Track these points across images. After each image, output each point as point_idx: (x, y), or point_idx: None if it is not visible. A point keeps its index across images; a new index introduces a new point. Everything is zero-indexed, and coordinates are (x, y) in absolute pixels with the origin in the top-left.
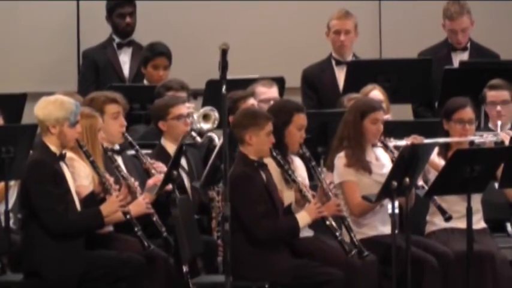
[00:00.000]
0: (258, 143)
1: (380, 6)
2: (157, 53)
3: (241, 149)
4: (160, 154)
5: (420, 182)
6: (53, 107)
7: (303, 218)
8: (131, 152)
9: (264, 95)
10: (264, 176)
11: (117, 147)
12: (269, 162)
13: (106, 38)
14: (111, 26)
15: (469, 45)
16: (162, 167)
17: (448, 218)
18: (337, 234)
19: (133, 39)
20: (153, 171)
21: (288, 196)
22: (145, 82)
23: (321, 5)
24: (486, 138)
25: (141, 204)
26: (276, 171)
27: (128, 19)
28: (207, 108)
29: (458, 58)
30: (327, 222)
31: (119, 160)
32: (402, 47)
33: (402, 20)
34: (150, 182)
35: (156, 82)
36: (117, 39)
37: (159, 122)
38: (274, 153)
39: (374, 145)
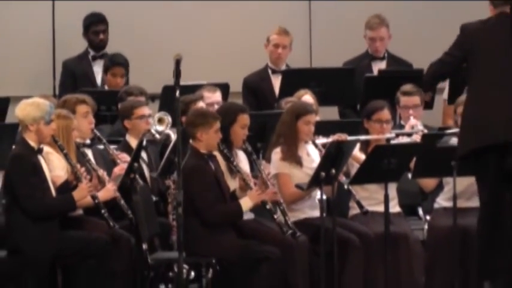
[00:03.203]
0: (207, 139)
1: (310, 20)
2: (115, 63)
3: (192, 143)
4: (125, 148)
5: (343, 179)
6: (30, 108)
7: (246, 202)
8: (100, 146)
9: (209, 99)
10: (213, 166)
11: (88, 141)
12: (217, 154)
13: (83, 51)
14: (87, 41)
15: (386, 55)
16: (125, 157)
17: (365, 212)
18: (275, 216)
19: (106, 52)
20: (118, 161)
21: (231, 184)
22: (105, 87)
23: (258, 22)
24: (402, 140)
25: (109, 190)
26: (223, 162)
27: (101, 36)
28: (162, 113)
29: (378, 67)
30: (267, 206)
31: (90, 153)
32: (330, 56)
33: (330, 33)
34: (116, 170)
35: (114, 87)
36: (92, 53)
37: (124, 121)
38: (221, 148)
39: (306, 142)
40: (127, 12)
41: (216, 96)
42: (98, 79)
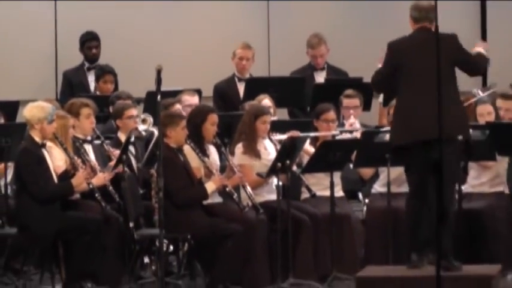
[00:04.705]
0: (175, 136)
1: (269, 37)
2: (106, 72)
3: (164, 140)
4: (117, 143)
5: (294, 167)
6: (36, 110)
7: (210, 186)
8: (97, 141)
9: (188, 101)
10: (181, 158)
11: (89, 138)
12: (187, 148)
13: (79, 63)
14: (83, 54)
15: (326, 66)
16: (117, 153)
17: (313, 195)
18: (234, 197)
19: (99, 64)
20: (112, 156)
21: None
22: (97, 93)
23: (227, 39)
24: (345, 136)
25: (100, 178)
26: (192, 154)
27: (94, 50)
28: (145, 115)
29: (319, 76)
30: (227, 189)
31: (90, 148)
32: (285, 67)
33: (285, 48)
34: (111, 163)
35: (105, 93)
36: (86, 64)
37: (116, 120)
38: (188, 142)
39: (263, 138)
40: (117, 31)
41: (195, 99)
42: (92, 86)
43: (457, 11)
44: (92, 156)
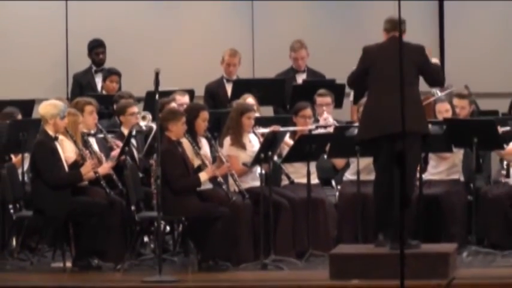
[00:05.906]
0: (176, 130)
1: (253, 44)
2: (112, 73)
3: (166, 133)
4: (120, 136)
5: (275, 158)
6: (49, 107)
7: (203, 176)
8: (101, 135)
9: (180, 101)
10: (180, 150)
11: (92, 132)
12: (185, 141)
13: (87, 67)
14: (90, 59)
15: (306, 69)
16: (120, 144)
17: (292, 182)
18: (224, 187)
19: (105, 67)
20: (114, 146)
21: (196, 162)
22: (103, 92)
23: (217, 46)
24: (320, 130)
25: (105, 168)
26: (190, 147)
27: (101, 56)
28: (145, 112)
29: (300, 77)
30: (218, 179)
31: (93, 140)
32: (268, 70)
33: (268, 52)
34: (113, 153)
35: (111, 91)
36: (94, 68)
37: (120, 116)
38: (187, 136)
39: (248, 132)
40: (120, 38)
41: (185, 99)
42: (99, 87)
43: (415, 12)
44: (95, 148)
